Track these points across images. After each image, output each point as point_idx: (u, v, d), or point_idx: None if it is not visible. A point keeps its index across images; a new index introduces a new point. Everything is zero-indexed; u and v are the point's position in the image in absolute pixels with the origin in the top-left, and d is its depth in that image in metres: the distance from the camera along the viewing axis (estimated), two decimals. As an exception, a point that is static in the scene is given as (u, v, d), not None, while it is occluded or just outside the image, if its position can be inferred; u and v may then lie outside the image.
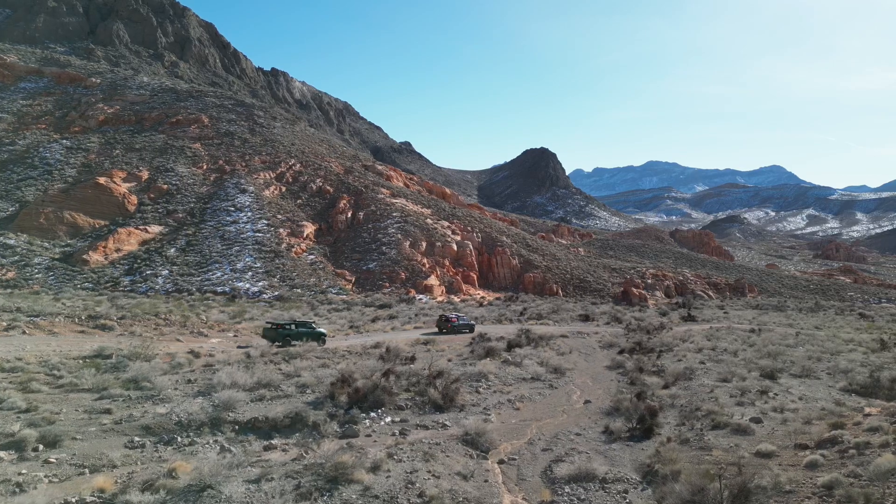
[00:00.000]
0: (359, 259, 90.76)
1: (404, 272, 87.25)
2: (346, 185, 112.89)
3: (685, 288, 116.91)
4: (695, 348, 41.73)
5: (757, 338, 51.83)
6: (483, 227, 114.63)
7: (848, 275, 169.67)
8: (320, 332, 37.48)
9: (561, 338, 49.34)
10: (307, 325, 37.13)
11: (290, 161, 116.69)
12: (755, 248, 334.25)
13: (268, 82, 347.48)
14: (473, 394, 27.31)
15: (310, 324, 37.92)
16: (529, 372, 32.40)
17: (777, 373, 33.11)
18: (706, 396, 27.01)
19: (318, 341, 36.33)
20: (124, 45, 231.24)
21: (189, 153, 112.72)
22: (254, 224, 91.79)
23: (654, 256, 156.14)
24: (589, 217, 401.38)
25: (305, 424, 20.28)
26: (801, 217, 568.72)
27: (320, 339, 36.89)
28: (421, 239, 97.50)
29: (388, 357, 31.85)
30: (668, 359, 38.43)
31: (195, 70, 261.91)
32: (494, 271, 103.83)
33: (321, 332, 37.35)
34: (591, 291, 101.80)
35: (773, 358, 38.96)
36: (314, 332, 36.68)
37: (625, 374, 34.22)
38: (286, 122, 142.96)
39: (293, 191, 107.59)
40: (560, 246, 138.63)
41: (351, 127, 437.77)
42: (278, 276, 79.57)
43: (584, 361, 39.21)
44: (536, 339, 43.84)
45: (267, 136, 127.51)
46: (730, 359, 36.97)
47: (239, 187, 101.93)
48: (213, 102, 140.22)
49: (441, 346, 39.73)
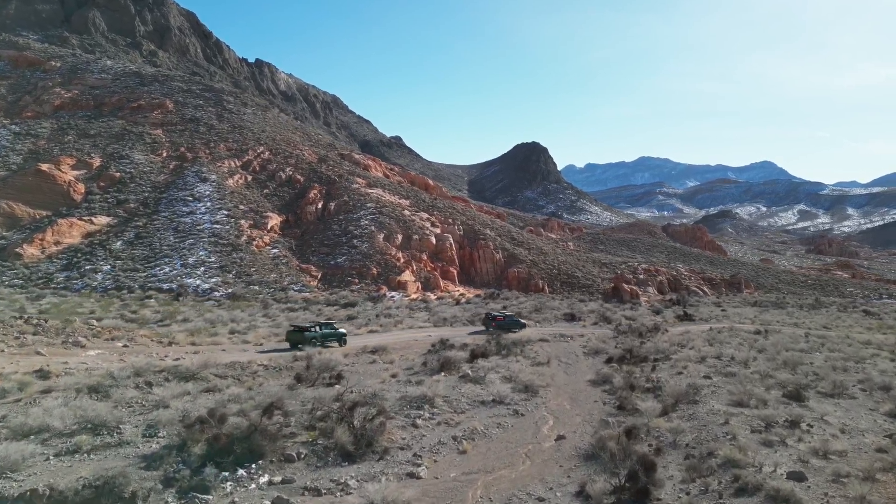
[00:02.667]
0: (327, 253, 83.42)
1: (376, 267, 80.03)
2: (319, 174, 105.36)
3: (679, 284, 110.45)
4: (696, 356, 34.88)
5: (765, 341, 45.21)
6: (466, 219, 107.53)
7: (845, 270, 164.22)
8: (341, 332, 36.42)
9: (540, 342, 42.49)
10: (329, 326, 36.00)
11: (259, 149, 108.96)
12: (747, 243, 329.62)
13: (252, 73, 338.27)
14: (408, 428, 20.24)
15: (331, 324, 36.82)
16: (492, 392, 25.41)
17: (803, 391, 26.34)
18: (720, 431, 20.07)
19: (339, 342, 35.52)
20: (100, 34, 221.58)
21: (148, 139, 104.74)
22: (212, 215, 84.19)
23: (646, 251, 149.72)
24: (580, 212, 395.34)
25: (119, 498, 13.11)
26: (793, 212, 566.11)
27: (341, 339, 35.88)
28: (396, 231, 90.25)
29: (307, 375, 24.71)
30: (665, 370, 31.57)
31: (175, 60, 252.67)
32: (476, 266, 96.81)
33: (342, 333, 36.37)
34: (580, 287, 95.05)
35: (793, 369, 32.26)
36: (336, 333, 35.76)
37: (612, 393, 27.31)
38: (258, 108, 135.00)
39: (260, 180, 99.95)
40: (548, 240, 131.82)
41: (339, 120, 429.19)
42: (234, 272, 72.15)
43: (564, 374, 32.23)
44: (509, 346, 36.86)
45: (236, 123, 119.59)
46: (741, 371, 30.11)
47: (199, 176, 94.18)
48: (179, 87, 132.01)
49: (390, 357, 32.62)
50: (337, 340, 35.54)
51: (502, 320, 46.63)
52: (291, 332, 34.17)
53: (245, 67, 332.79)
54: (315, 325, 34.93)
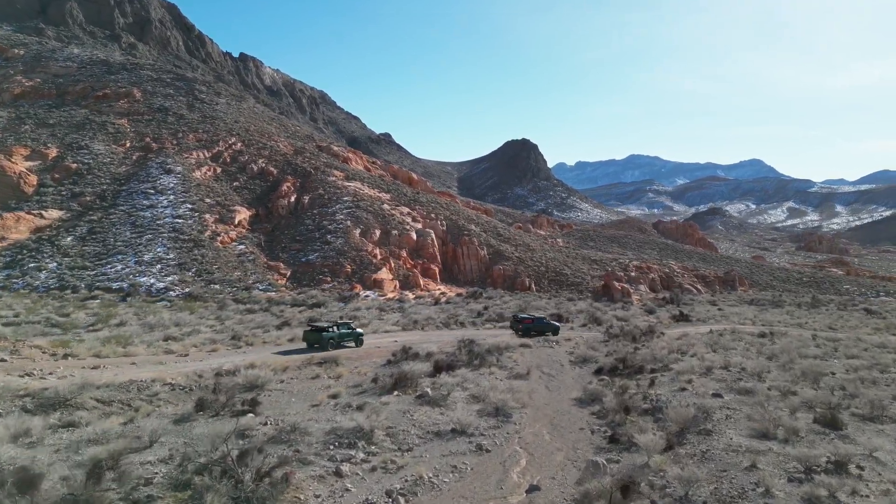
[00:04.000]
0: (298, 249, 77.80)
1: (351, 264, 74.57)
2: (294, 166, 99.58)
3: (672, 281, 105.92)
4: (700, 366, 29.84)
5: (773, 346, 40.36)
6: (449, 214, 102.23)
7: (840, 267, 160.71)
8: (358, 332, 35.45)
9: (521, 348, 37.38)
10: (346, 326, 35.06)
11: (231, 140, 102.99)
12: (738, 240, 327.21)
13: (236, 68, 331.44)
14: (328, 478, 14.97)
15: (348, 324, 35.79)
16: (453, 418, 20.21)
17: (835, 412, 21.40)
18: (746, 480, 15.01)
19: (356, 342, 34.65)
20: (78, 26, 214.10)
21: (111, 129, 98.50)
22: (175, 209, 78.30)
23: (637, 248, 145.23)
24: (570, 209, 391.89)
25: None
26: (782, 210, 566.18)
27: (358, 339, 34.90)
28: (374, 226, 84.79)
29: (213, 400, 19.32)
30: (665, 385, 26.53)
31: (155, 53, 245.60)
32: (460, 263, 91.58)
33: (359, 333, 35.40)
34: (569, 285, 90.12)
35: (814, 382, 27.34)
36: (353, 333, 34.84)
37: (602, 416, 22.22)
38: (232, 98, 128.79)
39: (230, 172, 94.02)
40: (536, 236, 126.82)
41: (326, 116, 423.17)
42: (194, 270, 66.43)
43: (546, 390, 27.08)
44: (482, 355, 31.65)
45: (207, 113, 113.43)
46: (756, 387, 25.08)
47: (164, 167, 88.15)
48: (149, 76, 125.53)
49: (338, 371, 27.26)
50: (354, 340, 34.54)
51: (530, 322, 42.55)
52: (309, 332, 33.31)
53: (229, 61, 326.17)
54: (333, 325, 33.87)
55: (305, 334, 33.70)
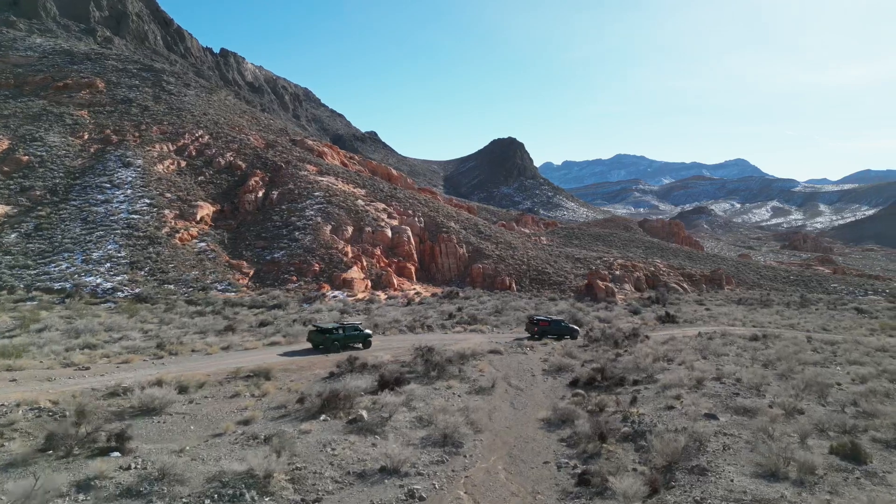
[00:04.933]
0: (263, 247, 73.16)
1: (319, 263, 70.12)
2: (264, 160, 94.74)
3: (657, 280, 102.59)
4: (689, 377, 25.95)
5: (767, 350, 36.78)
6: (428, 210, 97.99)
7: (826, 265, 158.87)
8: (367, 333, 34.26)
9: (490, 354, 33.44)
10: (353, 328, 33.98)
11: (198, 132, 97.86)
12: (723, 239, 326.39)
13: (216, 63, 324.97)
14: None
15: (355, 325, 34.56)
16: (387, 450, 16.07)
17: (853, 436, 17.67)
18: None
19: (363, 344, 33.61)
20: (52, 19, 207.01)
21: (69, 121, 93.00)
22: (131, 204, 73.30)
23: (623, 246, 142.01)
24: (557, 208, 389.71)
25: None
26: (766, 209, 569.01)
27: (366, 341, 33.81)
28: (346, 223, 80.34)
29: (70, 435, 14.99)
30: (649, 402, 22.64)
31: (132, 47, 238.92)
32: (438, 262, 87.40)
33: (367, 334, 34.24)
34: (551, 285, 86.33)
35: (821, 395, 23.62)
36: (361, 335, 33.74)
37: (574, 445, 18.25)
38: (202, 90, 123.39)
39: (195, 166, 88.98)
40: (518, 234, 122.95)
41: (310, 113, 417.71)
42: (147, 268, 61.62)
43: (510, 408, 23.04)
44: (442, 365, 27.57)
45: (174, 105, 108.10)
46: (756, 405, 21.23)
47: (123, 160, 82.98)
48: (114, 66, 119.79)
49: (266, 387, 22.97)
50: (361, 342, 33.46)
51: (547, 325, 40.76)
52: (313, 333, 32.44)
53: (209, 57, 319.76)
54: (339, 327, 33.17)
55: (310, 335, 32.76)
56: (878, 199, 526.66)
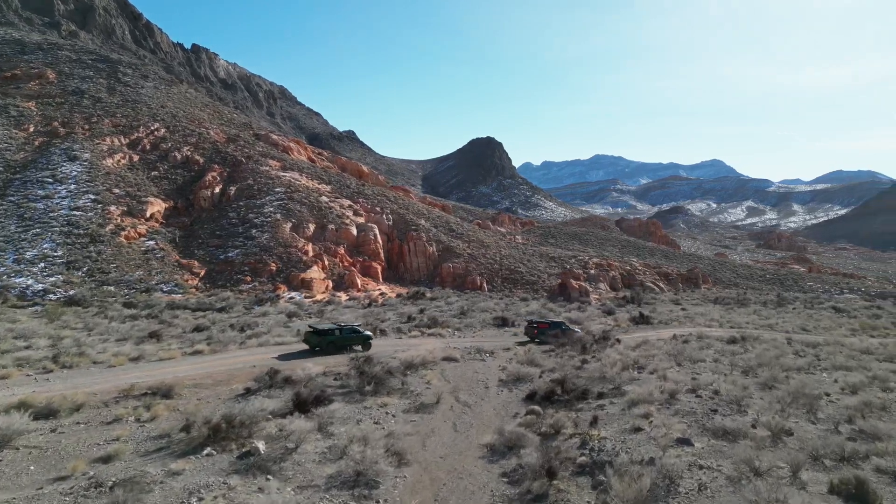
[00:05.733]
0: (217, 246, 68.68)
1: (276, 262, 65.94)
2: (223, 154, 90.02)
3: (633, 279, 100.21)
4: (660, 389, 22.68)
5: (746, 353, 33.88)
6: (397, 207, 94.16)
7: (802, 264, 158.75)
8: (367, 335, 33.14)
9: (444, 363, 29.96)
10: (351, 329, 32.92)
11: (154, 125, 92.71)
12: (700, 238, 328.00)
13: (187, 59, 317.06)
14: None
15: (354, 327, 33.51)
16: (274, 497, 12.40)
17: (854, 465, 14.52)
18: None
19: (363, 345, 32.48)
20: (13, 11, 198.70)
21: (14, 112, 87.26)
22: (74, 200, 68.30)
23: (599, 245, 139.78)
24: (535, 207, 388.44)
25: None
26: (741, 209, 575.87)
27: (365, 342, 32.74)
28: (308, 220, 76.17)
29: None
30: (614, 421, 19.29)
31: (99, 41, 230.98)
32: (406, 261, 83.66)
33: (367, 336, 33.09)
34: (524, 284, 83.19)
35: (810, 410, 20.50)
36: (361, 336, 32.65)
37: (517, 482, 14.76)
38: (161, 82, 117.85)
39: (149, 160, 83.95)
40: (492, 233, 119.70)
41: (286, 111, 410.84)
42: (85, 269, 56.92)
43: (451, 431, 19.47)
44: (380, 377, 23.89)
45: (130, 97, 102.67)
46: (736, 422, 18.03)
47: (69, 154, 77.71)
48: (67, 56, 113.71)
49: (161, 408, 19.06)
50: (360, 343, 32.35)
51: (547, 327, 38.89)
52: (309, 335, 31.57)
53: (180, 52, 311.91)
54: (336, 328, 32.07)
55: (306, 336, 31.86)
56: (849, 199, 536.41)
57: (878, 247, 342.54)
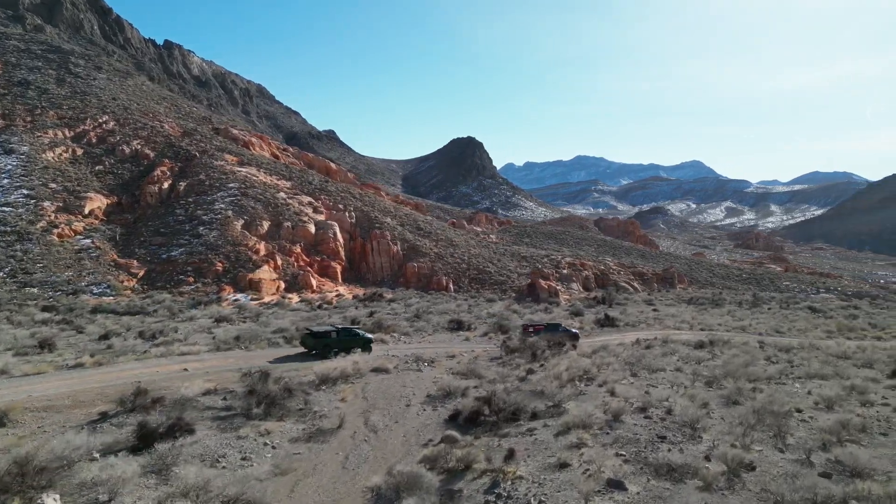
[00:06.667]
0: (161, 244, 64.11)
1: (223, 262, 61.59)
2: (176, 148, 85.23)
3: (607, 279, 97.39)
4: (604, 408, 19.15)
5: (713, 361, 30.64)
6: (361, 205, 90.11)
7: (778, 263, 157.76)
8: (368, 337, 31.83)
9: (371, 374, 26.18)
10: (349, 331, 31.38)
11: (103, 118, 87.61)
12: (679, 238, 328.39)
13: (159, 55, 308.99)
14: None
15: (352, 329, 32.04)
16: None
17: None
18: None
19: (363, 349, 30.94)
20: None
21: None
22: (5, 195, 63.32)
23: (575, 244, 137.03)
24: (515, 207, 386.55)
25: None
26: (720, 209, 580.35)
27: (366, 346, 31.31)
28: (262, 217, 71.88)
29: None
30: (540, 449, 15.68)
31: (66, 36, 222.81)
32: (369, 260, 79.69)
33: (368, 339, 31.73)
34: (492, 284, 79.74)
35: (778, 432, 17.10)
36: (361, 339, 31.26)
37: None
38: (116, 73, 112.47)
39: (94, 154, 78.92)
40: (463, 232, 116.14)
41: (263, 110, 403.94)
42: (8, 269, 52.13)
43: (338, 469, 15.62)
44: (275, 396, 20.02)
45: (80, 89, 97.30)
46: (684, 455, 14.59)
47: (5, 147, 72.52)
48: (15, 46, 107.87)
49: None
50: (360, 347, 31.12)
51: (542, 329, 37.12)
52: (306, 337, 30.57)
53: (151, 48, 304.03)
54: (333, 330, 30.98)
55: (302, 339, 30.90)
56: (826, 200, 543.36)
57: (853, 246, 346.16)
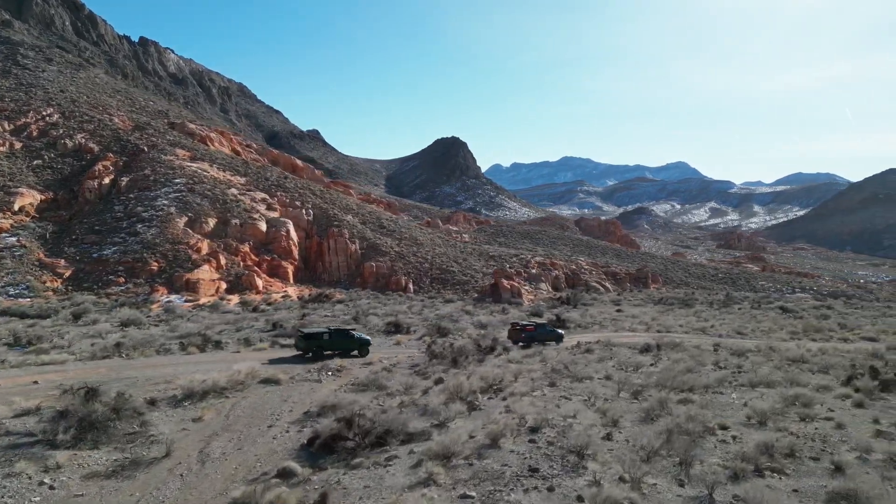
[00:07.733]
0: (93, 242, 60.19)
1: (159, 261, 57.82)
2: (124, 143, 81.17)
3: (578, 279, 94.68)
4: (487, 429, 15.96)
5: (653, 366, 27.65)
6: (321, 202, 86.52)
7: (756, 263, 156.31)
8: (364, 339, 31.03)
9: (260, 385, 22.91)
10: (343, 333, 30.63)
11: (47, 111, 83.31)
12: (662, 238, 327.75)
13: (134, 52, 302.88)
14: None
15: (347, 330, 31.17)
16: None
17: None
18: None
19: (360, 351, 30.41)
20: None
21: None
22: (-76, 190, 59.03)
23: (550, 244, 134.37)
24: (499, 207, 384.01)
25: None
26: (705, 210, 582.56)
27: (363, 348, 30.60)
28: (208, 215, 68.13)
29: None
30: (378, 488, 12.42)
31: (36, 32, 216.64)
32: (325, 260, 76.17)
33: (365, 340, 30.99)
34: (454, 285, 76.59)
35: (684, 458, 13.94)
36: (356, 341, 30.53)
37: None
38: (68, 66, 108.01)
39: (34, 148, 74.70)
40: (429, 231, 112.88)
41: (243, 109, 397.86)
42: (-87, 270, 48.01)
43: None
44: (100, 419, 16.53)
45: (25, 81, 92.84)
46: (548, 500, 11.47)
47: (-68, 139, 68.10)
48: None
49: None
50: (357, 349, 30.50)
51: (533, 330, 36.57)
52: (300, 339, 29.81)
53: (126, 45, 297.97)
54: (326, 332, 30.20)
55: (296, 340, 30.30)
56: (808, 201, 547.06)
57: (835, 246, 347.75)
